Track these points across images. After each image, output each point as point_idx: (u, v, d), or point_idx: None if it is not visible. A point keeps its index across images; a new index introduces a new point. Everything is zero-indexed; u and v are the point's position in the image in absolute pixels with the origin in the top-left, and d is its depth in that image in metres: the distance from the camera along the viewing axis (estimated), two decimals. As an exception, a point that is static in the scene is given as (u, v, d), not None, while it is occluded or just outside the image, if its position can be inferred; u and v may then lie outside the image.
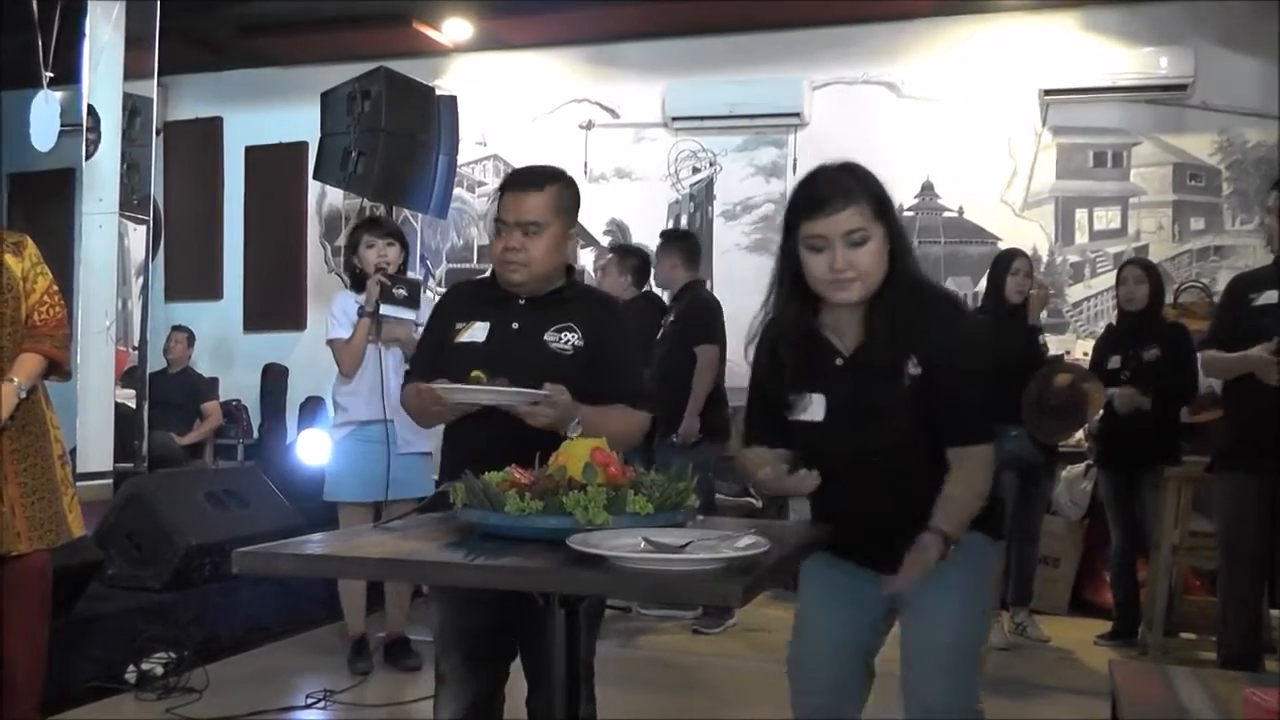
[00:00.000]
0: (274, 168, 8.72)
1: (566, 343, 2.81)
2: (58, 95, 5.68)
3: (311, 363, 7.43)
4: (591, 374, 2.78)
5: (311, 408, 7.95)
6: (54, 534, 3.58)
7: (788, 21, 7.62)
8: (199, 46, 7.79)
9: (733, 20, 7.64)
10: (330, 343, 4.84)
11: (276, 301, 8.70)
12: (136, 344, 6.33)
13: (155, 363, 7.36)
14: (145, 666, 4.50)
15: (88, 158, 5.79)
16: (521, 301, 2.87)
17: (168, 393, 7.45)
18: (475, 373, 2.70)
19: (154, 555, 5.00)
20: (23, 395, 3.46)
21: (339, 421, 4.91)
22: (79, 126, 5.82)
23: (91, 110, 5.82)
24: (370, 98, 6.49)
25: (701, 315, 5.90)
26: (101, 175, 5.92)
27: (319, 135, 6.70)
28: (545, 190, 2.81)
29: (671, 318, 5.94)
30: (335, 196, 8.47)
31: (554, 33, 8.06)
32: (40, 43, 5.58)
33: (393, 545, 2.13)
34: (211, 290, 8.93)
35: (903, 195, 7.36)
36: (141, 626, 4.63)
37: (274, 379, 8.44)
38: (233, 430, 8.20)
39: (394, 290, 4.69)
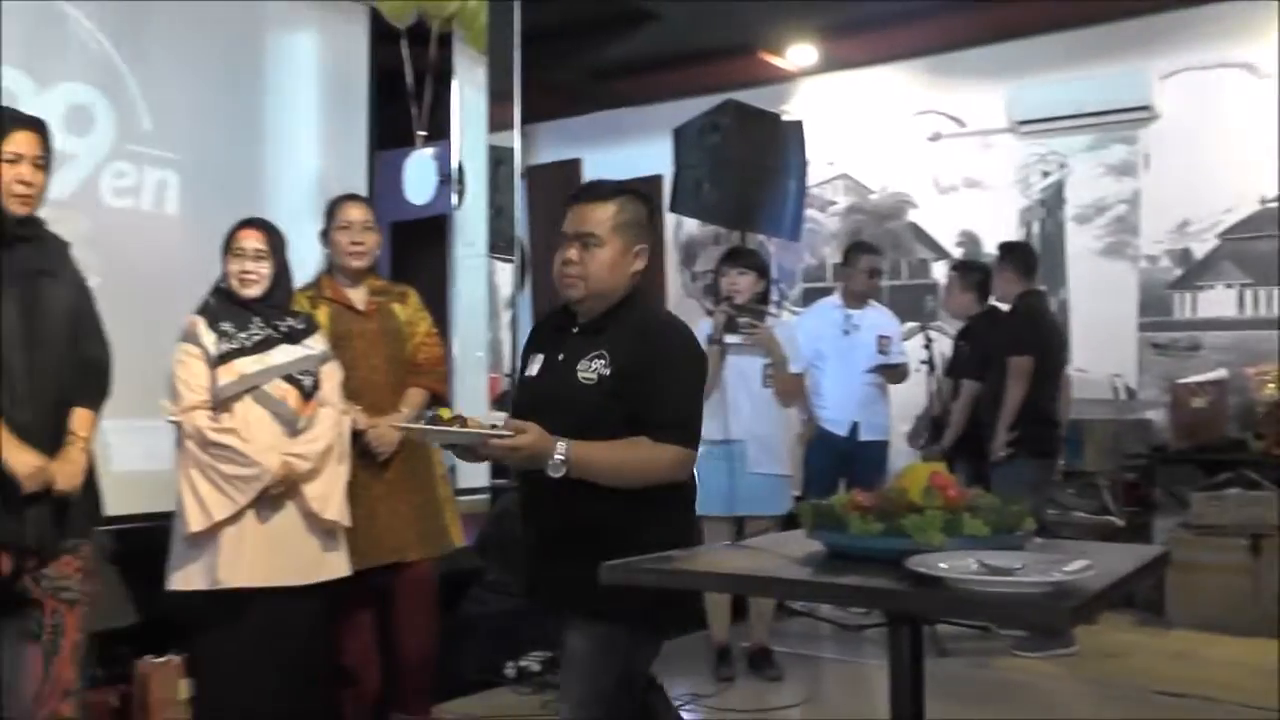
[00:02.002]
0: (631, 201, 9.13)
1: (592, 372, 2.62)
2: (430, 152, 6.22)
3: (674, 384, 7.72)
4: (620, 404, 2.59)
5: (678, 427, 8.26)
6: (438, 544, 4.07)
7: (1129, 10, 7.27)
8: (556, 94, 8.28)
9: (1072, 16, 7.38)
10: (687, 366, 5.12)
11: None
12: (507, 371, 6.81)
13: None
14: (523, 663, 4.90)
15: (458, 206, 6.31)
16: (575, 330, 2.72)
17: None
18: (441, 410, 2.63)
19: (522, 563, 5.41)
20: None
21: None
22: (450, 179, 6.36)
23: (460, 164, 6.36)
24: (720, 129, 6.75)
25: (1019, 326, 5.80)
26: (471, 221, 6.43)
27: (673, 168, 7.01)
28: (608, 204, 2.67)
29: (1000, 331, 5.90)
30: (691, 224, 8.78)
31: (895, 47, 8.06)
32: (414, 107, 6.12)
33: (746, 561, 2.29)
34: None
35: (1265, 185, 6.90)
36: (518, 627, 5.04)
37: (637, 400, 8.82)
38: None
39: (737, 319, 4.95)
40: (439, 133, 6.19)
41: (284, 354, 3.68)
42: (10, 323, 2.93)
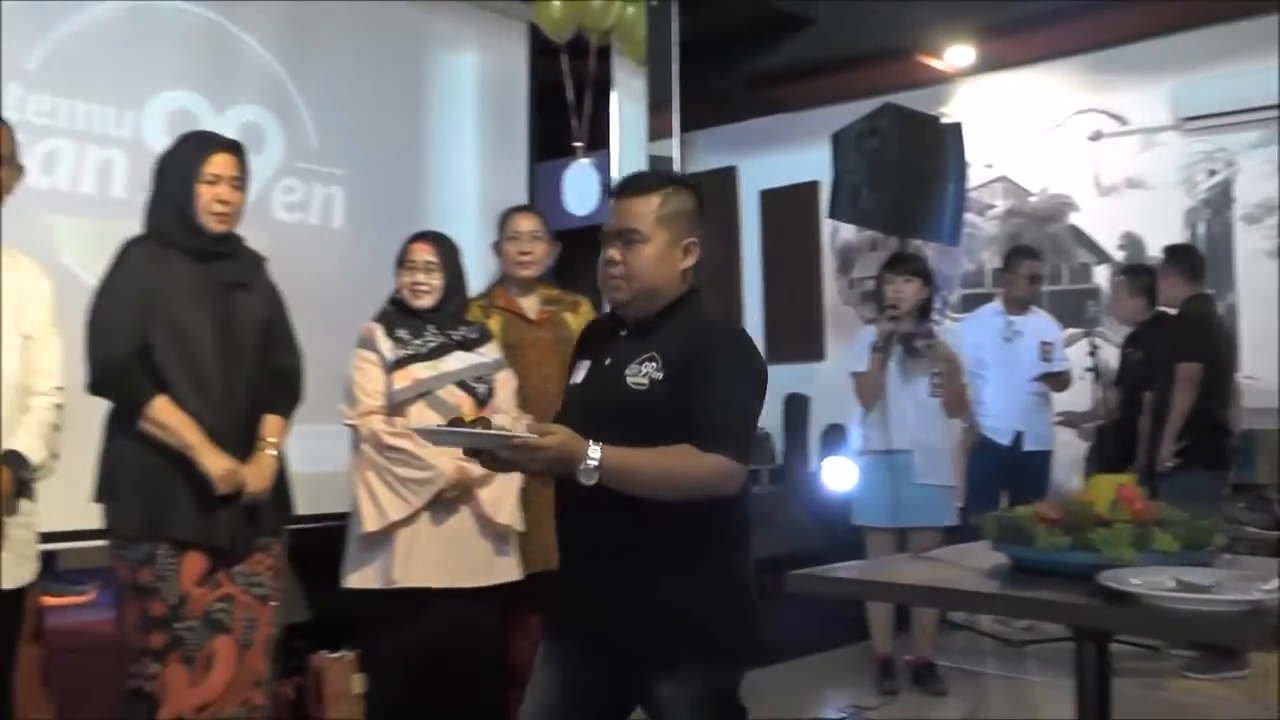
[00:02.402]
0: (787, 208, 9.10)
1: (643, 375, 2.40)
2: (589, 163, 6.30)
3: (832, 392, 7.67)
4: (675, 411, 2.34)
5: (833, 436, 8.21)
6: None
7: (1299, -7, 6.92)
8: (712, 102, 8.29)
9: (1238, 7, 7.04)
10: (851, 374, 5.09)
11: (796, 334, 9.02)
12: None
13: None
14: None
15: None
16: (624, 333, 2.51)
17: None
18: (463, 413, 2.51)
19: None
20: None
21: (863, 450, 5.14)
22: (609, 189, 6.43)
23: (619, 174, 6.41)
24: (879, 134, 6.68)
25: (1186, 332, 5.61)
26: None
27: (830, 174, 6.97)
28: (650, 196, 2.45)
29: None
30: (848, 231, 8.70)
31: (1054, 45, 7.86)
32: (574, 119, 6.21)
33: (929, 574, 2.28)
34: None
35: None
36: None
37: (796, 408, 8.78)
38: (757, 457, 8.63)
39: (914, 341, 4.96)
40: (598, 144, 6.27)
41: (458, 361, 3.77)
42: (205, 333, 3.09)
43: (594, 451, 2.23)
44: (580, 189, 6.23)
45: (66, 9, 4.54)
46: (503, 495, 3.75)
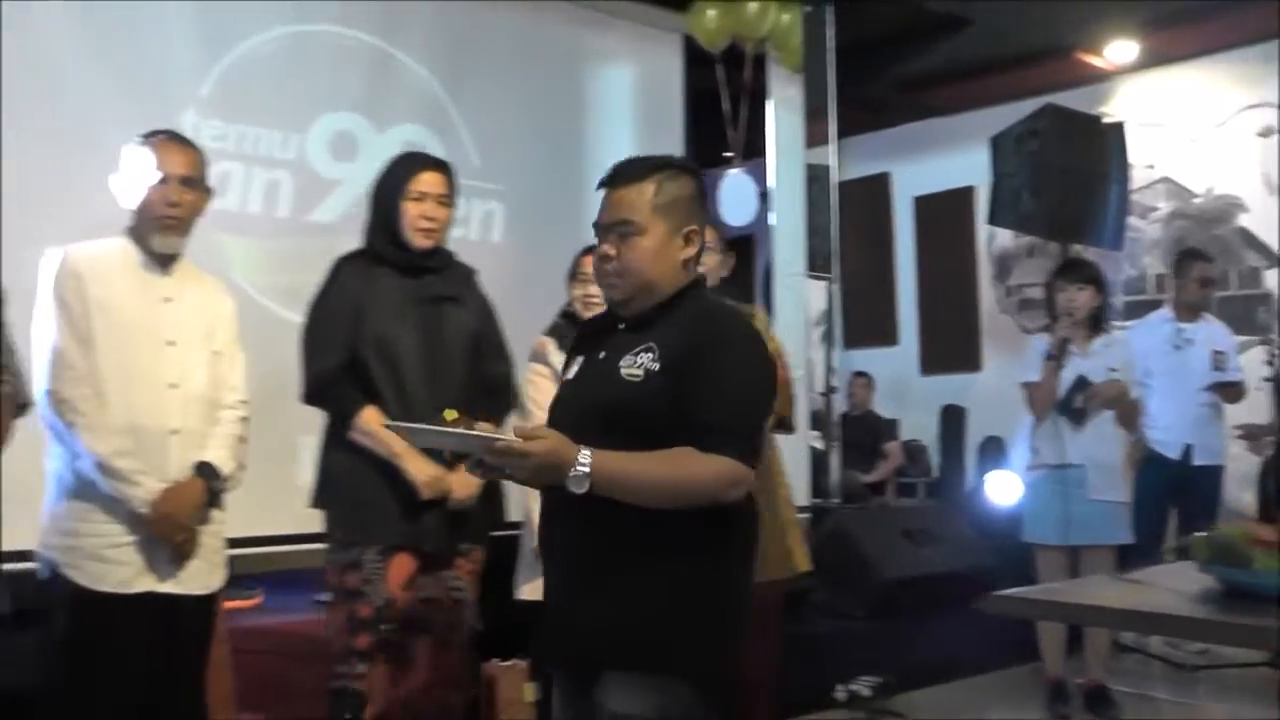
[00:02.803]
0: (942, 214, 8.95)
1: (638, 366, 2.18)
2: (744, 172, 6.26)
3: (990, 403, 7.51)
4: (672, 407, 2.14)
5: (992, 449, 8.02)
6: (781, 567, 4.01)
7: None
8: (865, 108, 8.20)
9: None
10: (1022, 385, 4.94)
11: (951, 344, 8.87)
12: (820, 389, 6.76)
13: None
14: (853, 687, 4.82)
15: (775, 225, 6.32)
16: (622, 326, 2.30)
17: (851, 434, 7.88)
18: (447, 411, 2.34)
19: (855, 585, 5.36)
20: None
21: (1033, 464, 4.98)
22: (767, 198, 6.39)
23: (774, 183, 6.39)
24: (1039, 135, 6.51)
25: None
26: (788, 240, 6.43)
27: (988, 179, 6.81)
28: (643, 184, 2.23)
29: None
30: (1005, 237, 8.52)
31: (1221, 38, 7.56)
32: (729, 128, 6.19)
33: (1138, 597, 2.17)
34: (888, 336, 9.32)
35: None
36: (849, 649, 4.98)
37: (952, 420, 8.62)
38: (913, 470, 8.48)
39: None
40: (754, 152, 6.23)
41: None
42: (412, 346, 3.18)
43: (584, 457, 2.06)
44: (736, 199, 6.20)
45: (234, 38, 4.74)
46: (677, 510, 3.71)
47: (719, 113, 6.15)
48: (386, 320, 3.18)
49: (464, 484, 3.18)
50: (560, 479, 2.06)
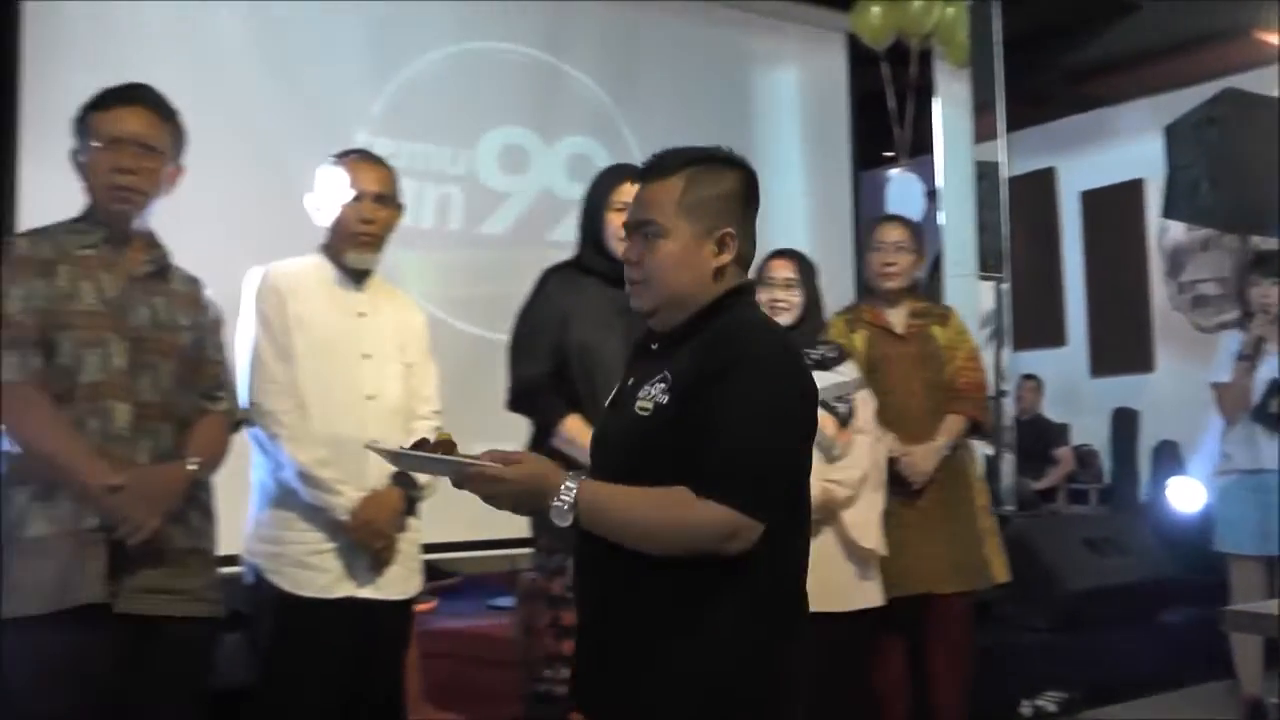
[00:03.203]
0: (1110, 209, 8.67)
1: (650, 400, 1.96)
2: (910, 171, 6.14)
3: (1164, 406, 7.23)
4: (675, 444, 1.89)
5: (1167, 453, 7.72)
6: (976, 578, 3.91)
7: None
8: (1029, 102, 7.97)
9: None
10: (1212, 386, 4.73)
11: (1122, 344, 8.58)
12: (993, 394, 6.58)
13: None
14: (1039, 702, 4.67)
15: (944, 224, 6.17)
16: (654, 346, 2.09)
17: (1020, 439, 7.65)
18: (439, 433, 2.13)
19: (1038, 597, 5.19)
20: (945, 453, 3.87)
21: (1224, 469, 4.76)
22: (935, 196, 6.25)
23: (941, 181, 6.24)
24: (1217, 123, 6.23)
25: None
26: (957, 239, 6.28)
27: (1160, 170, 6.56)
28: (671, 180, 1.99)
29: None
30: (1177, 230, 8.19)
31: None
32: (895, 126, 6.08)
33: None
34: (1056, 337, 9.04)
35: None
36: (1035, 664, 4.82)
37: (1124, 423, 8.32)
38: (1084, 476, 8.21)
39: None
40: (921, 150, 6.12)
41: (818, 381, 3.64)
42: (615, 354, 3.11)
43: (569, 487, 1.87)
44: (902, 198, 6.09)
45: (405, 58, 4.89)
46: (867, 519, 3.63)
47: (884, 112, 6.04)
48: (591, 329, 3.17)
49: None
50: (543, 507, 1.90)
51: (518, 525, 3.32)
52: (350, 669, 2.89)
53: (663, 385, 1.94)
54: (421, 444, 2.05)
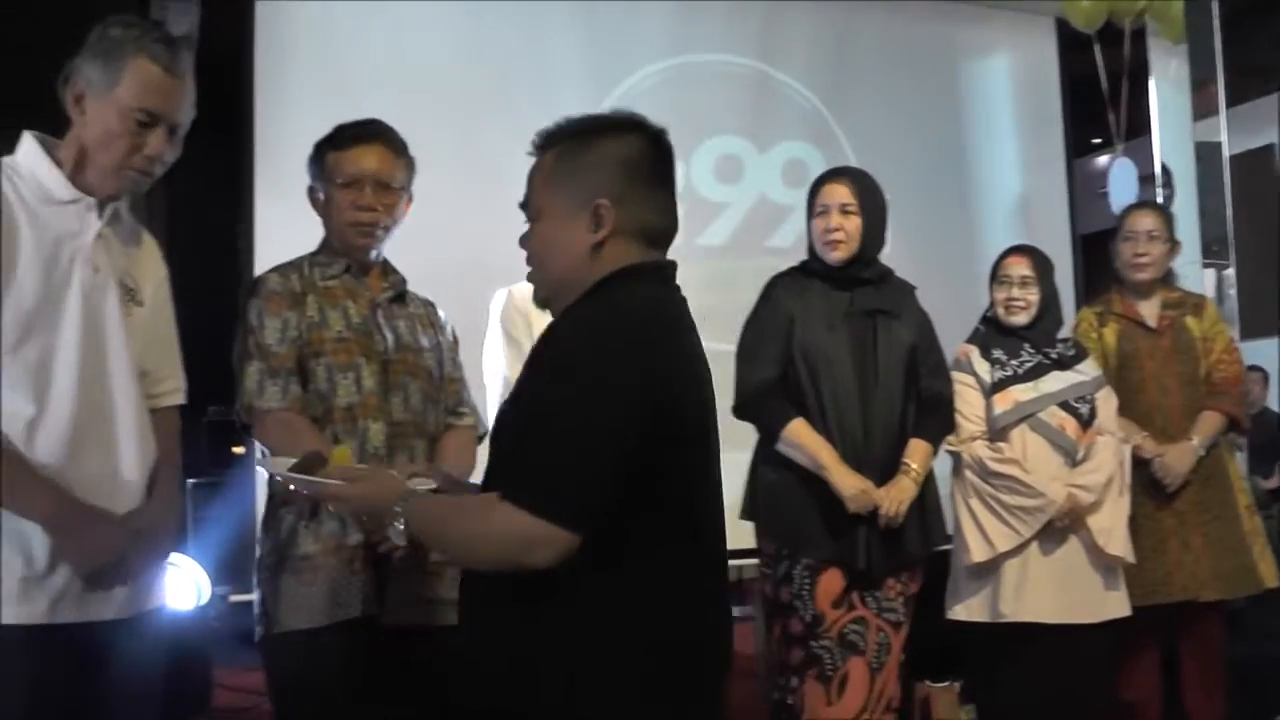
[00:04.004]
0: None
1: (506, 399, 1.85)
2: (1126, 154, 5.93)
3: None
4: (509, 450, 1.74)
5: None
6: (1240, 584, 3.76)
7: None
8: (1247, 75, 7.61)
9: None
10: None
11: None
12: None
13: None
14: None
15: (1168, 209, 5.93)
16: None
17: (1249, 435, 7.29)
18: (338, 449, 2.09)
19: (1283, 602, 4.93)
20: (1201, 453, 3.72)
21: None
22: (1153, 180, 6.02)
23: (1163, 164, 6.01)
24: None
25: None
26: (1181, 226, 6.03)
27: None
28: (543, 157, 1.82)
29: None
30: None
31: None
32: (1108, 110, 5.87)
33: None
34: (1280, 326, 8.58)
35: None
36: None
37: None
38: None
39: None
40: (1136, 132, 5.91)
41: (1057, 381, 3.58)
42: (843, 359, 3.19)
43: (397, 508, 1.74)
44: (1119, 183, 5.88)
45: (618, 75, 5.02)
46: (1112, 525, 3.52)
47: (1096, 96, 5.85)
48: (816, 332, 3.20)
49: (894, 499, 3.14)
50: (384, 525, 1.78)
51: (745, 534, 3.35)
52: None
53: (514, 386, 1.81)
54: (308, 460, 1.96)
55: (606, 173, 1.76)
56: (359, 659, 2.47)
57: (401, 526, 1.74)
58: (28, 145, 2.14)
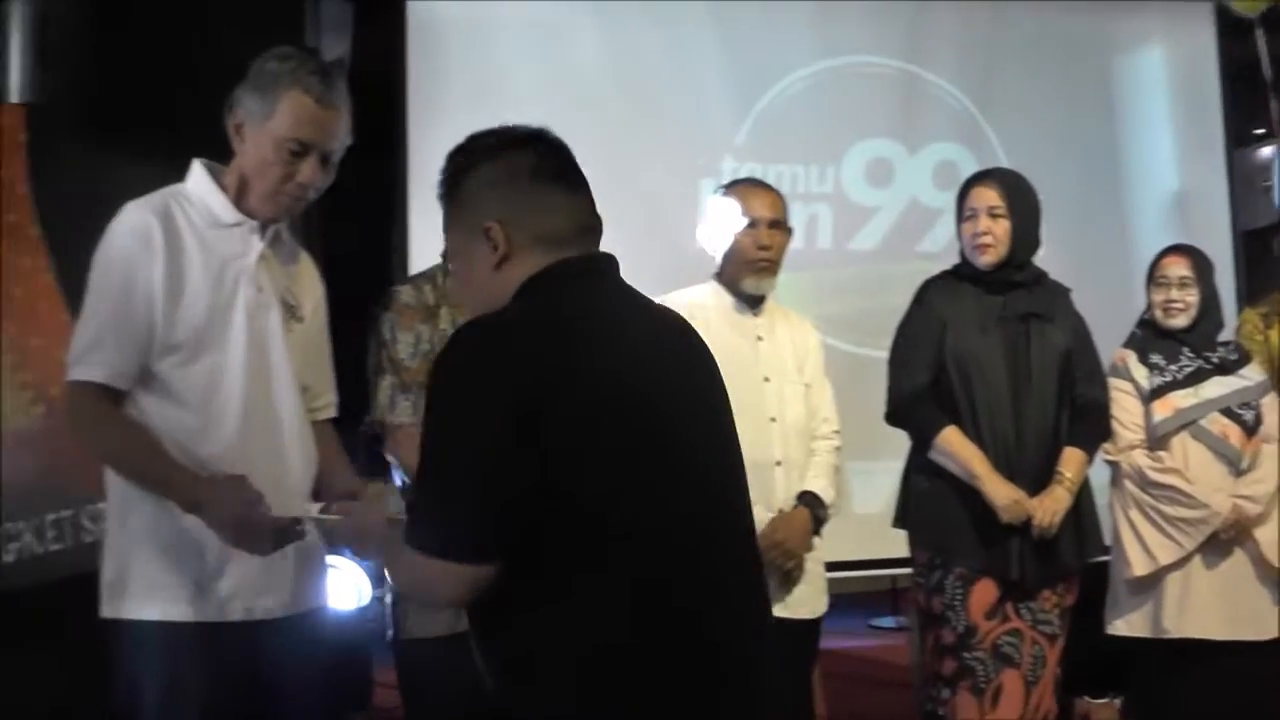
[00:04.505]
0: None
1: None
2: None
3: None
4: None
5: None
6: None
7: None
8: None
9: None
10: None
11: None
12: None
13: None
14: None
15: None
16: None
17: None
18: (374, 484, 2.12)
19: None
20: None
21: None
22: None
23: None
24: None
25: None
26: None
27: None
28: (445, 200, 1.76)
29: None
30: None
31: None
32: (1271, 98, 5.67)
33: None
34: None
35: None
36: None
37: None
38: None
39: None
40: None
41: (1219, 386, 3.47)
42: (996, 364, 3.14)
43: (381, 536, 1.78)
44: (1284, 175, 5.67)
45: (766, 82, 5.00)
46: (1280, 538, 3.38)
47: (1258, 84, 5.64)
48: (968, 338, 3.16)
49: (1047, 509, 3.07)
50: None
51: (899, 544, 3.31)
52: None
53: None
54: (327, 507, 2.02)
55: (484, 197, 1.70)
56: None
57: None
58: (197, 172, 2.24)
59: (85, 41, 3.47)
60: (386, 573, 1.84)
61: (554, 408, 1.52)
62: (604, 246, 1.72)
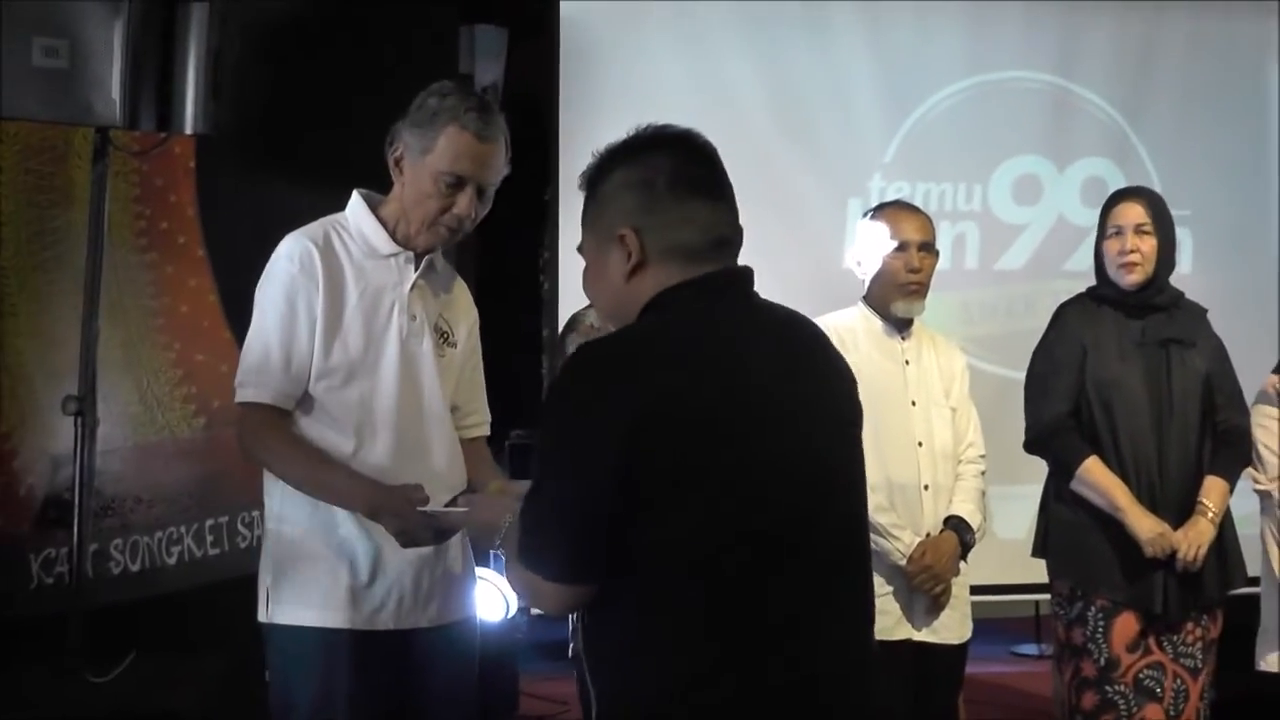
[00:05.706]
0: None
1: None
2: None
3: None
4: None
5: None
6: None
7: None
8: None
9: None
10: None
11: None
12: None
13: None
14: None
15: None
16: None
17: None
18: (493, 485, 2.10)
19: None
20: None
21: None
22: None
23: None
24: None
25: None
26: None
27: None
28: (584, 193, 1.74)
29: None
30: None
31: None
32: None
33: None
34: None
35: None
36: None
37: None
38: None
39: None
40: None
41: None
42: (1137, 391, 3.09)
43: (498, 540, 1.81)
44: None
45: (915, 100, 5.00)
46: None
47: None
48: (1109, 364, 3.11)
49: (1191, 542, 3.02)
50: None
51: (1041, 570, 3.27)
52: (908, 712, 2.89)
53: None
54: (454, 501, 2.11)
55: (622, 201, 1.68)
56: None
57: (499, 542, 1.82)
58: (355, 203, 2.35)
59: (252, 75, 3.61)
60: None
61: (659, 438, 1.53)
62: (750, 264, 1.74)
